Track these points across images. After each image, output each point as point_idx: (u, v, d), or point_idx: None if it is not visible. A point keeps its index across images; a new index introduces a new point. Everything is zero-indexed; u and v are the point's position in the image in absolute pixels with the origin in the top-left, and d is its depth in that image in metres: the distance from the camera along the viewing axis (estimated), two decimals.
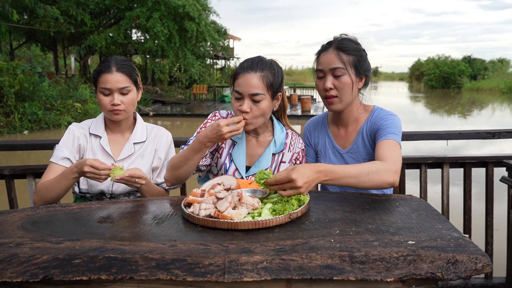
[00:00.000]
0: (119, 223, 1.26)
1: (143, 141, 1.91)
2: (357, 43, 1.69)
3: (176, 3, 18.19)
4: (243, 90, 1.61)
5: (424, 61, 60.48)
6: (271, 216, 1.20)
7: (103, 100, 1.78)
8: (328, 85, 1.64)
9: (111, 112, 1.79)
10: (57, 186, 1.70)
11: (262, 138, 1.79)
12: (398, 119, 1.68)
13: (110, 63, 1.79)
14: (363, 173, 1.39)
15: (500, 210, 2.54)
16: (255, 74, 1.61)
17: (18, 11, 14.55)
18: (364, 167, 1.41)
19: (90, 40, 18.50)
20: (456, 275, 0.97)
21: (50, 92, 14.03)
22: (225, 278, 0.96)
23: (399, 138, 1.60)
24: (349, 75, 1.64)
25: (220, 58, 33.33)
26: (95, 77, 1.81)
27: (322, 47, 1.71)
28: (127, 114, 1.83)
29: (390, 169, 1.43)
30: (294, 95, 20.58)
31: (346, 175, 1.37)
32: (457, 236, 1.08)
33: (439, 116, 19.62)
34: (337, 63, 1.63)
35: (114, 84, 1.76)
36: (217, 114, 1.79)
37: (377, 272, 0.97)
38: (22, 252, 1.03)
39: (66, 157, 1.79)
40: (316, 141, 1.86)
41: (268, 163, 1.75)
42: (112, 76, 1.76)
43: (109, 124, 1.90)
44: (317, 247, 1.02)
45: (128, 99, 1.80)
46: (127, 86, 1.79)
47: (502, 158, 2.35)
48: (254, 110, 1.62)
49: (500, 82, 39.95)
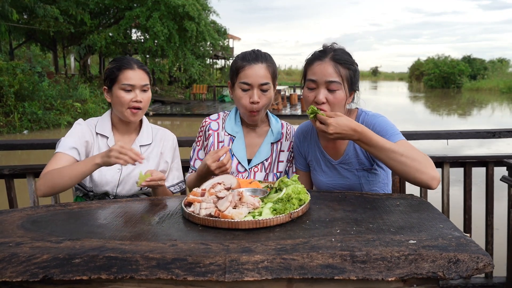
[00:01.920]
0: (119, 222, 1.25)
1: (149, 144, 1.89)
2: (350, 56, 1.61)
3: (176, 2, 18.18)
4: (252, 80, 1.67)
5: (424, 61, 60.46)
6: (272, 215, 1.20)
7: (124, 97, 1.74)
8: (321, 99, 1.53)
9: (130, 110, 1.76)
10: (73, 171, 1.60)
11: (260, 129, 1.85)
12: (386, 118, 1.63)
13: (130, 61, 1.77)
14: (398, 152, 1.39)
15: (500, 210, 2.54)
16: (262, 64, 1.69)
17: (17, 11, 14.55)
18: (400, 148, 1.41)
19: (90, 40, 18.49)
20: (458, 274, 0.96)
21: (49, 92, 14.03)
22: (226, 277, 0.96)
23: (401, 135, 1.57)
24: (343, 90, 1.55)
25: (220, 58, 33.33)
26: (114, 74, 1.76)
27: (316, 55, 1.60)
28: (142, 114, 1.82)
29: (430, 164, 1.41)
30: (294, 95, 20.54)
31: (379, 146, 1.40)
32: (459, 236, 1.08)
33: (439, 116, 19.63)
34: (334, 76, 1.53)
35: (137, 81, 1.75)
36: (207, 119, 1.86)
37: (378, 271, 0.97)
38: (22, 252, 1.03)
39: (74, 147, 1.72)
40: (306, 151, 1.79)
41: (268, 152, 1.80)
42: (135, 73, 1.75)
43: (116, 124, 1.86)
44: (318, 246, 1.02)
45: (148, 97, 1.80)
46: (147, 84, 1.79)
47: (502, 157, 2.35)
48: (263, 99, 1.71)
49: (500, 82, 39.96)
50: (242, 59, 1.71)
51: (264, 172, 1.77)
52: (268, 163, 1.79)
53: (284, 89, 22.51)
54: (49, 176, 1.61)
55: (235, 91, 1.73)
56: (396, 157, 1.40)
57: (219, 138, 1.81)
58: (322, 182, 1.73)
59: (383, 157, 1.42)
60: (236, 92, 1.72)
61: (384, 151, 1.40)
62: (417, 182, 1.42)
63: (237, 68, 1.71)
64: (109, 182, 1.78)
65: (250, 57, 1.70)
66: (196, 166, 1.81)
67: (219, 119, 1.85)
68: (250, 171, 1.75)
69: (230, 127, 1.81)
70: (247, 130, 1.83)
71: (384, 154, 1.41)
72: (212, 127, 1.83)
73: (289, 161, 1.85)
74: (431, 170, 1.39)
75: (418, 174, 1.39)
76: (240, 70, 1.70)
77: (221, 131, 1.82)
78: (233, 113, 1.85)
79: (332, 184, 1.70)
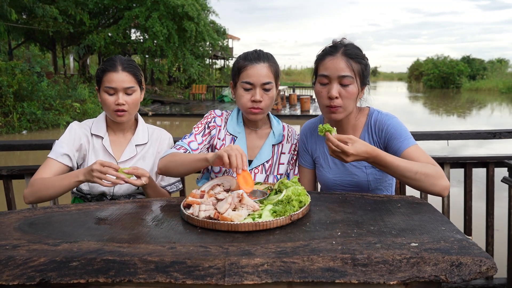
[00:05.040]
0: (117, 224, 1.24)
1: (145, 143, 1.88)
2: (361, 50, 1.63)
3: (175, 2, 18.15)
4: (255, 80, 1.67)
5: (423, 61, 60.49)
6: (272, 217, 1.18)
7: (107, 100, 1.74)
8: (334, 94, 1.56)
9: (114, 112, 1.76)
10: (56, 185, 1.64)
11: (261, 131, 1.83)
12: (399, 120, 1.66)
13: (115, 62, 1.76)
14: (411, 171, 1.42)
15: (501, 211, 2.53)
16: (264, 64, 1.69)
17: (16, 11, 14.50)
18: (415, 165, 1.44)
19: (89, 40, 18.45)
20: (460, 277, 0.95)
21: (48, 92, 13.99)
22: (225, 281, 0.95)
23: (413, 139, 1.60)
24: (356, 85, 1.57)
25: (219, 58, 33.32)
26: (99, 76, 1.77)
27: (327, 51, 1.62)
28: (130, 116, 1.80)
29: (442, 174, 1.45)
30: (293, 95, 20.56)
31: (394, 167, 1.42)
32: (461, 238, 1.07)
33: (438, 116, 19.63)
34: (347, 71, 1.55)
35: (119, 84, 1.73)
36: (212, 112, 1.84)
37: (379, 275, 0.96)
38: (18, 255, 1.01)
39: (65, 153, 1.75)
40: (314, 147, 1.80)
41: (269, 154, 1.79)
42: (118, 75, 1.73)
43: (111, 125, 1.87)
44: (318, 249, 1.01)
45: (132, 99, 1.77)
46: (132, 86, 1.76)
47: (503, 158, 2.34)
48: (265, 99, 1.70)
49: (499, 82, 40.00)
50: (244, 59, 1.71)
51: (265, 174, 1.77)
52: (268, 165, 1.78)
53: (284, 89, 22.51)
54: (36, 187, 1.66)
55: (237, 91, 1.72)
56: (411, 175, 1.43)
57: (220, 135, 1.79)
58: (329, 179, 1.72)
59: (398, 175, 1.45)
60: (238, 92, 1.71)
61: (398, 171, 1.43)
62: (430, 193, 1.47)
63: (239, 67, 1.71)
64: None
65: (252, 56, 1.70)
66: (191, 146, 1.72)
67: (222, 116, 1.84)
68: (250, 173, 1.74)
69: (232, 127, 1.80)
70: (248, 131, 1.82)
71: (399, 174, 1.44)
72: (217, 121, 1.81)
73: (290, 163, 1.84)
74: (443, 181, 1.44)
75: (431, 187, 1.44)
76: (242, 69, 1.69)
77: (223, 129, 1.81)
78: (235, 113, 1.83)
79: (339, 180, 1.70)
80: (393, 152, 1.59)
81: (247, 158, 1.49)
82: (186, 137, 1.76)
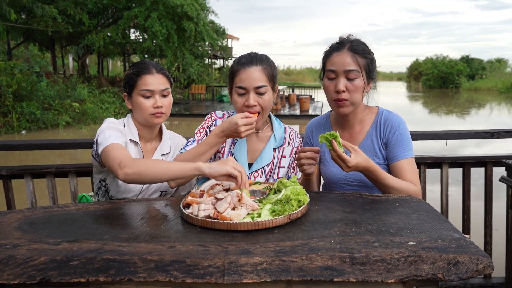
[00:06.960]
0: (117, 224, 1.25)
1: (168, 153, 1.86)
2: (367, 45, 1.67)
3: (174, 2, 18.15)
4: (247, 84, 1.64)
5: (422, 61, 60.50)
6: (271, 217, 1.19)
7: (144, 103, 1.69)
8: (341, 88, 1.60)
9: (152, 115, 1.71)
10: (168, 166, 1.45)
11: (262, 134, 1.81)
12: (407, 127, 1.71)
13: (148, 65, 1.73)
14: (396, 189, 1.55)
15: (499, 210, 2.54)
16: (256, 67, 1.66)
17: (16, 11, 14.50)
18: (402, 185, 1.57)
19: (88, 40, 18.43)
20: (457, 276, 0.96)
21: (48, 92, 13.98)
22: (225, 279, 0.95)
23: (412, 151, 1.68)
24: (362, 79, 1.62)
25: (218, 57, 33.29)
26: (133, 80, 1.71)
27: (334, 47, 1.66)
28: (166, 118, 1.77)
29: (419, 194, 1.59)
30: (293, 95, 20.56)
31: (385, 184, 1.55)
32: (458, 237, 1.07)
33: (437, 116, 19.64)
34: (353, 65, 1.60)
35: (156, 86, 1.71)
36: (213, 115, 1.82)
37: (377, 273, 0.97)
38: (19, 254, 1.02)
39: (124, 142, 1.65)
40: (319, 144, 1.80)
41: (269, 158, 1.77)
42: (154, 78, 1.71)
43: (140, 132, 1.80)
44: (317, 248, 1.02)
45: (168, 101, 1.75)
46: (168, 88, 1.75)
47: (501, 158, 2.35)
48: (260, 103, 1.67)
49: (498, 82, 40.04)
50: (237, 63, 1.69)
51: (264, 178, 1.75)
52: (269, 169, 1.76)
53: (283, 89, 22.51)
54: (137, 163, 1.46)
55: (232, 96, 1.71)
56: (394, 192, 1.55)
57: None
58: (334, 173, 1.74)
59: (382, 189, 1.58)
60: (233, 97, 1.70)
61: (385, 187, 1.56)
62: None
63: (232, 72, 1.69)
64: (131, 190, 1.76)
65: (244, 60, 1.68)
66: None
67: (223, 118, 1.81)
68: (250, 176, 1.73)
69: None
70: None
71: (384, 188, 1.56)
72: (218, 124, 1.78)
73: (291, 166, 1.83)
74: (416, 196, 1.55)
75: None
76: (235, 74, 1.67)
77: None
78: None
79: (344, 175, 1.72)
80: (390, 154, 1.67)
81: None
82: (188, 144, 1.73)
